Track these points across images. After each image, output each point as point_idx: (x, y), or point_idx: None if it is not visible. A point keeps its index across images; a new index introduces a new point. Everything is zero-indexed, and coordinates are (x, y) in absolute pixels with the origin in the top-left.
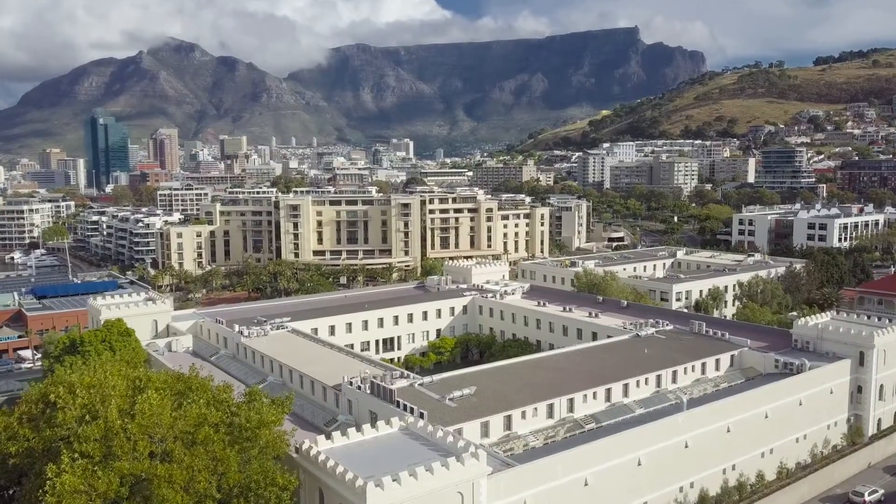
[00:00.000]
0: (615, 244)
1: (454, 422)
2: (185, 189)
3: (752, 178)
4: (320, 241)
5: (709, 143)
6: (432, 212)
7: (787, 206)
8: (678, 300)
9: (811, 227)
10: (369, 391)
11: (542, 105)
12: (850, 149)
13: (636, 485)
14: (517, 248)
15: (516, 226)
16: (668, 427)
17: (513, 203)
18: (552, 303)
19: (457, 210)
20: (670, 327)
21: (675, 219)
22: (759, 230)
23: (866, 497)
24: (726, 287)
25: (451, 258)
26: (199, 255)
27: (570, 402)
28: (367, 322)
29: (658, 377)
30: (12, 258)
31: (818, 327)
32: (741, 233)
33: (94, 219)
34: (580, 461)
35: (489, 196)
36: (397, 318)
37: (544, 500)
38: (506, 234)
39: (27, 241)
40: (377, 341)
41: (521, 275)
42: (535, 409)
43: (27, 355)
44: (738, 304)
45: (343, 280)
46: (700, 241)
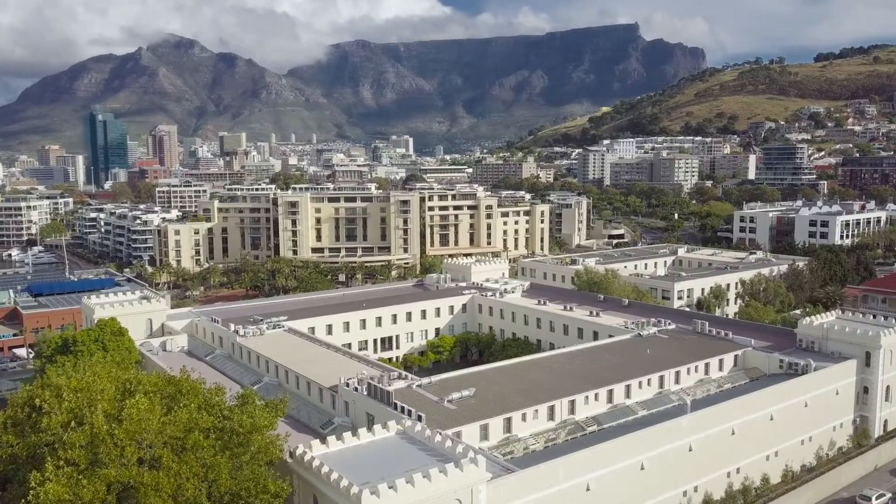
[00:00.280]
0: (615, 241)
1: (453, 424)
2: (184, 186)
3: (752, 175)
4: (319, 238)
5: (709, 139)
6: (432, 209)
7: (787, 203)
8: (680, 299)
9: (813, 224)
10: (366, 393)
11: (541, 102)
12: (851, 145)
13: (639, 489)
14: (517, 246)
15: (516, 223)
16: (671, 430)
17: (513, 200)
18: (552, 301)
19: (456, 207)
20: (672, 326)
21: (676, 216)
22: (760, 227)
23: (873, 501)
24: (728, 285)
25: (451, 256)
26: (197, 252)
27: (572, 403)
28: (365, 321)
29: (661, 378)
30: (10, 255)
31: (823, 327)
32: (742, 230)
33: (93, 216)
34: (582, 465)
35: (489, 193)
36: (396, 316)
37: None
38: (506, 232)
39: (25, 237)
40: (375, 340)
41: (520, 272)
42: (536, 411)
43: (22, 354)
44: (740, 302)
45: (342, 277)
46: (701, 239)
